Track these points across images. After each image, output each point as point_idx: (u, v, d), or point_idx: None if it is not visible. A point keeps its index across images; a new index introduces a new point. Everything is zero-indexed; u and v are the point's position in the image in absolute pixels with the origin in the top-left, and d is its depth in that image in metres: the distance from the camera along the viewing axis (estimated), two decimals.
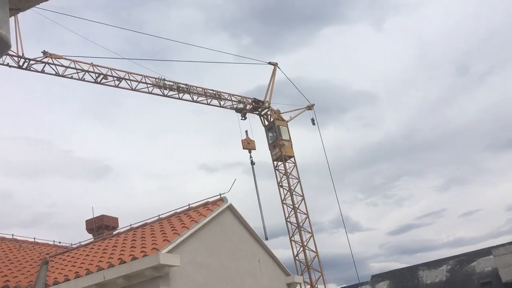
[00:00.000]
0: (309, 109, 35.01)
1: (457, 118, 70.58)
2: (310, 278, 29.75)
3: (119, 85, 26.48)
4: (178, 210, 14.33)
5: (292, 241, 30.69)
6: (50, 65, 24.34)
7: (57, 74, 24.62)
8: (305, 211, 31.02)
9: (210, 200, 14.09)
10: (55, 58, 24.47)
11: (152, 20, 75.17)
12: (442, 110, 72.02)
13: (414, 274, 33.80)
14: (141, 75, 27.16)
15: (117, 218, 17.97)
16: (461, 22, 71.94)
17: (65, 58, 24.80)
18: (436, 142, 72.05)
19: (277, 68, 34.00)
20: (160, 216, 14.43)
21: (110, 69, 26.06)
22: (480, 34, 69.91)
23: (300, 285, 27.39)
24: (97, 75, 25.63)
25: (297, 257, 30.34)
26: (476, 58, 70.75)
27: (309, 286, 29.66)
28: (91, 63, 25.41)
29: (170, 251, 10.54)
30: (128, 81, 26.71)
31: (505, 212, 67.55)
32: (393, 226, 79.61)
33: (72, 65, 24.91)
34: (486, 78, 68.75)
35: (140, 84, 27.17)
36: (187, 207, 14.23)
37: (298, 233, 30.59)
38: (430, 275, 32.98)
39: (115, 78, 26.23)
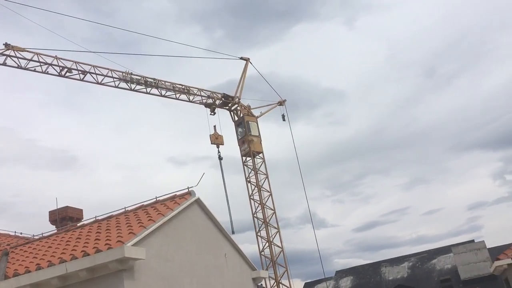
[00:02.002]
0: (280, 105, 35.19)
1: (424, 118, 72.35)
2: (275, 273, 29.98)
3: (84, 79, 26.00)
4: (145, 203, 14.19)
5: (258, 236, 30.85)
6: (12, 57, 23.78)
7: (19, 67, 24.08)
8: (272, 207, 31.20)
9: (177, 193, 14.00)
10: (17, 51, 23.87)
11: (124, 9, 74.13)
12: (409, 110, 73.68)
13: (377, 270, 34.48)
14: (107, 68, 26.70)
15: (81, 209, 17.71)
16: (430, 25, 73.67)
17: (27, 51, 24.23)
18: (403, 141, 73.72)
19: (249, 63, 34.01)
20: (126, 209, 14.26)
21: (75, 62, 25.57)
22: (448, 37, 71.77)
23: (265, 280, 27.68)
24: (61, 68, 25.11)
25: (262, 252, 30.51)
26: (444, 60, 72.60)
27: (274, 281, 29.88)
28: (55, 56, 24.89)
29: (135, 244, 10.41)
30: (94, 75, 26.23)
31: (466, 211, 69.70)
32: (359, 223, 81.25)
33: (35, 58, 24.34)
34: (453, 80, 70.65)
35: (106, 78, 26.72)
36: (154, 200, 14.11)
37: (264, 229, 30.76)
38: (392, 271, 33.72)
39: (80, 72, 25.74)
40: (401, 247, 77.30)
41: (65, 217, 16.87)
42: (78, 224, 15.94)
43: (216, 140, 30.92)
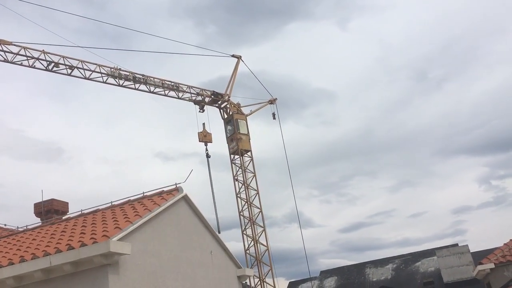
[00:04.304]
0: (271, 103, 35.15)
1: (413, 121, 72.87)
2: (259, 272, 30.01)
3: (71, 74, 25.81)
4: (131, 198, 14.13)
5: (244, 235, 30.87)
6: None
7: (5, 61, 23.88)
8: (258, 206, 31.23)
9: (165, 189, 13.96)
10: (4, 44, 23.65)
11: (116, 1, 73.51)
12: (398, 112, 74.15)
13: (361, 271, 34.69)
14: (95, 64, 26.50)
15: (67, 202, 17.60)
16: (422, 29, 74.11)
17: (14, 45, 24.01)
18: (391, 144, 74.16)
19: (241, 61, 33.95)
20: (113, 203, 14.19)
21: (63, 57, 25.37)
22: (440, 42, 72.29)
23: (250, 278, 27.69)
24: (48, 62, 24.92)
25: (248, 251, 30.54)
26: (435, 64, 73.12)
27: (258, 280, 29.92)
28: (43, 50, 24.68)
29: (121, 239, 10.36)
30: (81, 70, 26.05)
31: (451, 215, 70.31)
32: (345, 223, 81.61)
33: (22, 51, 24.12)
34: (443, 85, 71.23)
35: (94, 73, 26.53)
36: (141, 195, 14.05)
37: (250, 227, 30.79)
38: (376, 272, 33.94)
39: (67, 67, 25.54)
40: (386, 249, 77.83)
41: (50, 210, 16.75)
42: (63, 217, 15.81)
43: (205, 137, 30.89)
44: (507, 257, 19.56)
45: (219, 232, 27.28)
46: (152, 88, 29.10)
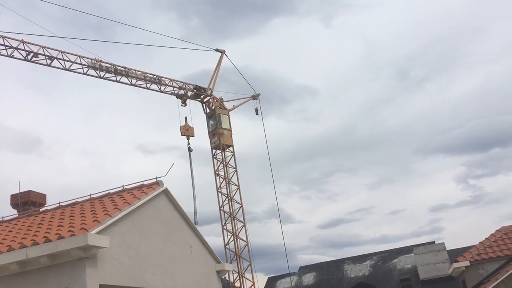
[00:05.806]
0: (254, 99, 35.07)
1: (394, 119, 73.62)
2: (238, 267, 30.06)
3: (50, 64, 25.39)
4: (111, 191, 13.99)
5: (224, 230, 30.86)
6: None
7: None
8: (239, 201, 31.24)
9: (145, 183, 13.85)
10: None
11: None
12: (380, 110, 74.84)
13: (339, 267, 35.01)
14: (76, 55, 26.09)
15: (45, 194, 17.27)
16: (406, 28, 74.81)
17: None
18: (372, 142, 74.89)
19: (224, 55, 33.80)
20: (92, 196, 14.03)
21: (42, 47, 24.92)
22: (423, 41, 73.03)
23: (229, 273, 27.71)
24: (27, 52, 24.47)
25: (227, 246, 30.55)
26: (417, 64, 73.87)
27: (237, 275, 29.97)
28: (22, 40, 24.19)
29: (99, 232, 10.26)
30: (61, 61, 25.63)
31: (428, 213, 71.33)
32: (324, 220, 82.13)
33: (1, 41, 23.64)
34: (424, 84, 72.06)
35: (75, 64, 26.12)
36: (121, 188, 13.92)
37: (230, 222, 30.80)
38: (354, 269, 34.29)
39: (46, 57, 25.10)
40: (364, 245, 78.71)
41: (27, 202, 16.44)
42: (40, 209, 15.59)
43: (187, 131, 30.73)
44: (482, 256, 19.94)
45: (196, 223, 27.31)
46: (134, 81, 28.80)
